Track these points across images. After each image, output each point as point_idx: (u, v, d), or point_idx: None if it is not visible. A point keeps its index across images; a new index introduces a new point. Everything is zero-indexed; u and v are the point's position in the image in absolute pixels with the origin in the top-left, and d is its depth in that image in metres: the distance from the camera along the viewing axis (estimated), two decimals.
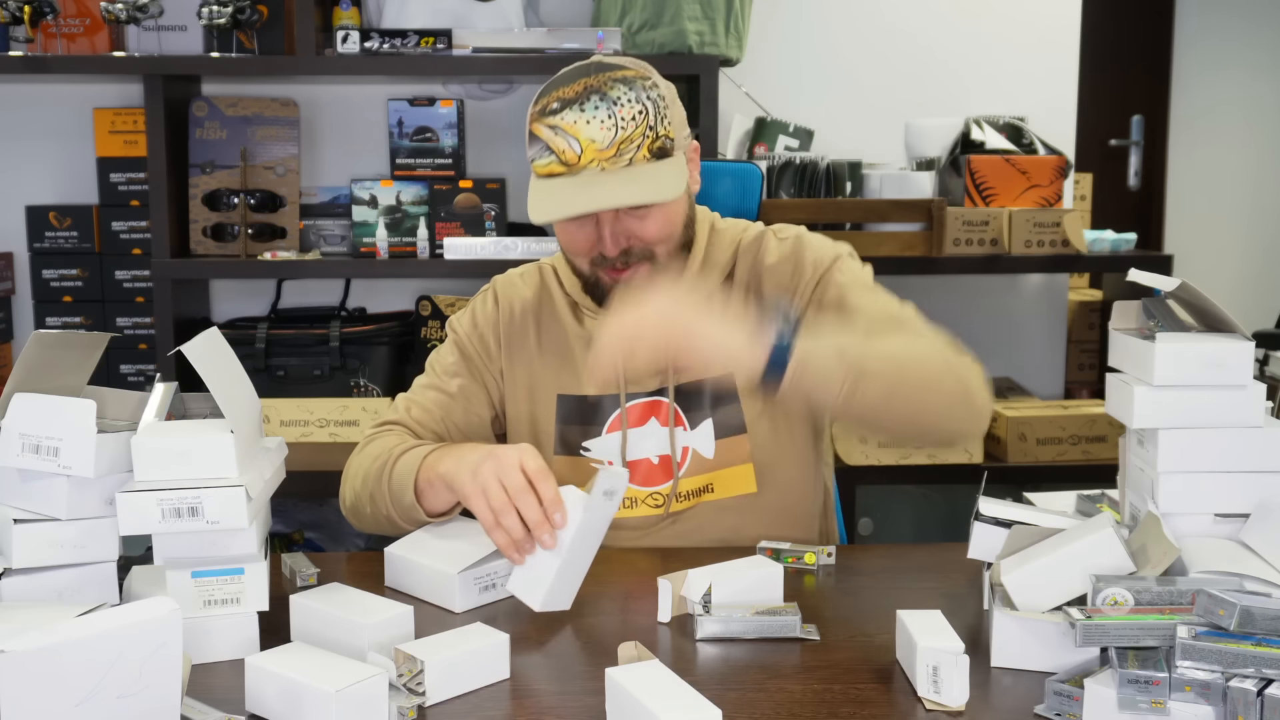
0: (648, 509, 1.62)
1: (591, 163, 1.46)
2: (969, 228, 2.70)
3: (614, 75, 1.49)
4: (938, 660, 1.09)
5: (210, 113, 2.77)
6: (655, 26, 2.65)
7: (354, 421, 2.60)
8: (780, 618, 1.27)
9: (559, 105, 1.48)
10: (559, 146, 1.47)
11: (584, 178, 1.47)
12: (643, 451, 1.62)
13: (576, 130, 1.46)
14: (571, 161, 1.47)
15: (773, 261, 1.62)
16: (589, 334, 1.62)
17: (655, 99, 1.49)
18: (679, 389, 1.61)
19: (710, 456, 1.61)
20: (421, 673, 1.12)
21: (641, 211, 1.51)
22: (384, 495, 1.51)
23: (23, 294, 2.91)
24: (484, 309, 1.70)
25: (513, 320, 1.68)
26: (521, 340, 1.67)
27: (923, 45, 3.01)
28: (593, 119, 1.46)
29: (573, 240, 1.55)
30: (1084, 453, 2.69)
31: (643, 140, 1.47)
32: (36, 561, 1.25)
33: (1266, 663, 1.00)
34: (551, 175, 1.48)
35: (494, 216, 2.74)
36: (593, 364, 1.37)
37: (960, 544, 1.37)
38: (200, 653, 1.22)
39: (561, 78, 1.51)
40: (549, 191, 1.48)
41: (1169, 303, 1.31)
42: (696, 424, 1.61)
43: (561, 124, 1.47)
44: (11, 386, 1.30)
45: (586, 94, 1.47)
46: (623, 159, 1.47)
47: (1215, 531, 1.23)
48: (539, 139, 1.49)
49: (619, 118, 1.46)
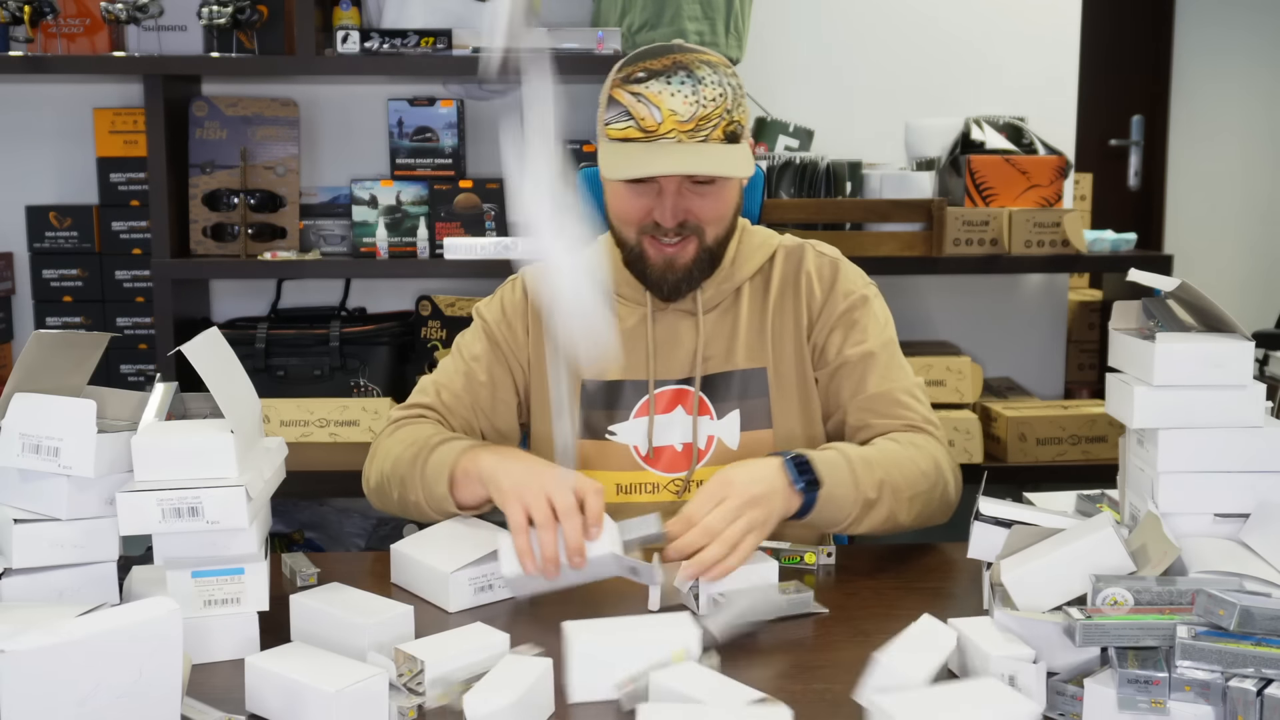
0: (668, 495, 1.64)
1: (670, 133, 1.50)
2: (969, 228, 2.70)
3: (700, 57, 1.54)
4: (1015, 669, 1.09)
5: (210, 113, 2.77)
6: (655, 26, 2.65)
7: (354, 421, 2.60)
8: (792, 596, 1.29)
9: (645, 75, 1.52)
10: (640, 113, 1.51)
11: (660, 145, 1.51)
12: (668, 438, 1.64)
13: (660, 100, 1.50)
14: (651, 129, 1.50)
15: (811, 269, 1.68)
16: (618, 318, 1.65)
17: (734, 86, 1.55)
18: (709, 378, 1.64)
19: (734, 448, 1.63)
20: (421, 673, 1.12)
21: (703, 189, 1.56)
22: (416, 481, 1.54)
23: (23, 294, 2.91)
24: (512, 297, 1.72)
25: (539, 308, 1.69)
26: (547, 327, 1.67)
27: (923, 45, 3.01)
28: (677, 92, 1.50)
29: (629, 206, 1.58)
30: (1084, 453, 2.69)
31: (719, 121, 1.52)
32: (37, 561, 1.25)
33: (1266, 662, 1.00)
34: (627, 139, 1.52)
35: (494, 216, 2.74)
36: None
37: (960, 544, 1.37)
38: (200, 653, 1.22)
39: (646, 52, 1.56)
40: (625, 153, 1.52)
41: (1169, 303, 1.31)
42: (724, 414, 1.64)
43: (646, 92, 1.51)
44: (11, 386, 1.30)
45: (675, 68, 1.52)
46: (699, 134, 1.51)
47: (1215, 531, 1.23)
48: (619, 103, 1.52)
49: (702, 96, 1.51)
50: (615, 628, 1.19)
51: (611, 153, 1.53)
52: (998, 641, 1.12)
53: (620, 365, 1.65)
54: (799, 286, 1.67)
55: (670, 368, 1.65)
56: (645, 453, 1.64)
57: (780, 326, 1.66)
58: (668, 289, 1.61)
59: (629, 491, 1.65)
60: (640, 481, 1.65)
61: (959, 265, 2.71)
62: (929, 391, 1.73)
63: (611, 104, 1.54)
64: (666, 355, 1.65)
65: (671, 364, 1.65)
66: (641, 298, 1.66)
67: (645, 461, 1.64)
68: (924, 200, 2.70)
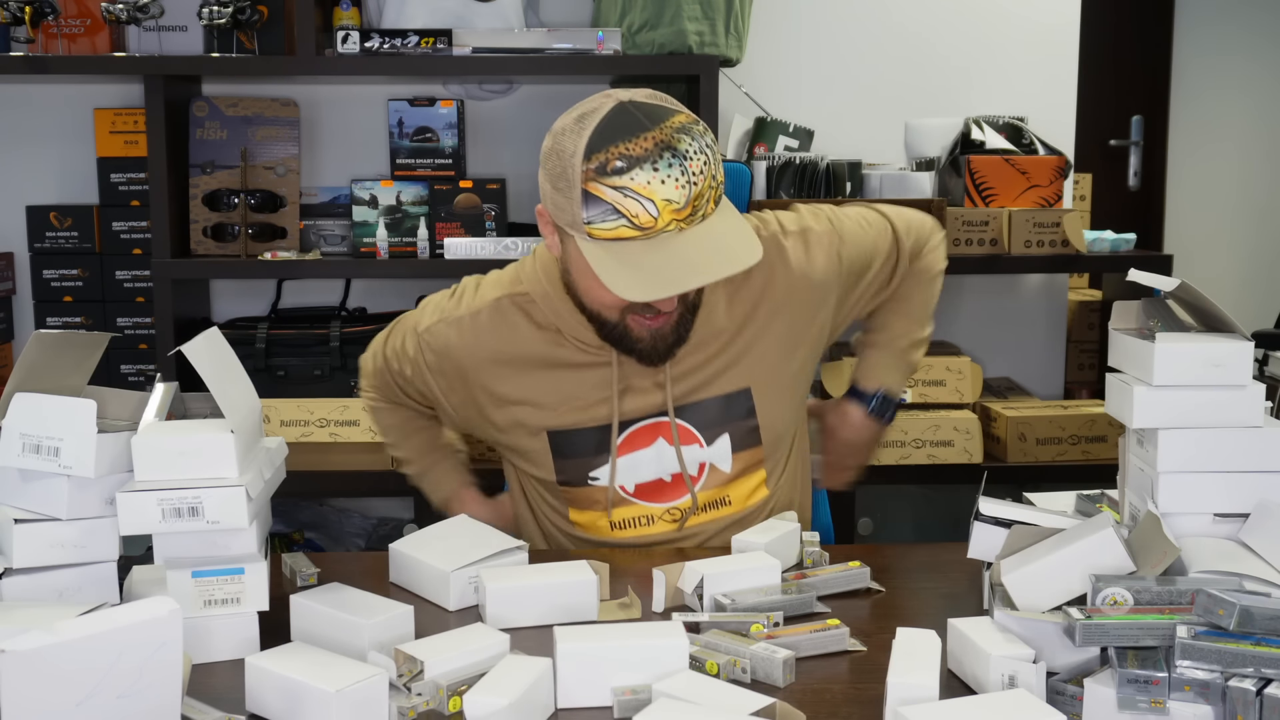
0: (664, 525, 1.62)
1: (668, 225, 1.36)
2: (969, 228, 2.70)
3: (673, 123, 1.38)
4: (1015, 669, 1.08)
5: (210, 113, 2.77)
6: (655, 27, 2.64)
7: (354, 421, 2.60)
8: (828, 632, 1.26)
9: (624, 164, 1.35)
10: (631, 210, 1.35)
11: (662, 242, 1.37)
12: (655, 472, 1.60)
13: (651, 192, 1.34)
14: (647, 225, 1.36)
15: (808, 266, 1.60)
16: (581, 360, 1.57)
17: (709, 143, 1.40)
18: (692, 407, 1.59)
19: (728, 470, 1.61)
20: (421, 673, 1.12)
21: None
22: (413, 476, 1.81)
23: (23, 294, 2.91)
24: (413, 368, 1.63)
25: (460, 376, 1.60)
26: (485, 389, 1.60)
27: (923, 45, 3.01)
28: (667, 178, 1.34)
29: (616, 298, 1.41)
30: (1084, 453, 2.69)
31: (710, 193, 1.39)
32: (37, 561, 1.25)
33: (1266, 662, 1.00)
34: (619, 239, 1.37)
35: (494, 216, 2.74)
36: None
37: (960, 544, 1.37)
38: (200, 653, 1.22)
39: (611, 129, 1.36)
40: (627, 259, 1.37)
41: (1169, 303, 1.31)
42: (713, 440, 1.60)
43: (632, 185, 1.34)
44: (12, 386, 1.30)
45: (658, 151, 1.35)
46: (696, 216, 1.38)
47: (1215, 531, 1.23)
48: (600, 200, 1.36)
49: (690, 173, 1.36)
50: (606, 634, 1.18)
51: (606, 258, 1.38)
52: (998, 641, 1.12)
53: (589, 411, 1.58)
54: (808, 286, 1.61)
55: (642, 404, 1.58)
56: (632, 490, 1.60)
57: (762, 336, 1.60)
58: (659, 357, 1.53)
59: (623, 527, 1.62)
60: (634, 516, 1.61)
61: (959, 265, 2.70)
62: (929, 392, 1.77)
63: (591, 200, 1.36)
64: (637, 391, 1.58)
65: (643, 400, 1.58)
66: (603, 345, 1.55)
67: (635, 496, 1.60)
68: (924, 200, 2.69)
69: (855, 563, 1.46)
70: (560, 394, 1.58)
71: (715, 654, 1.18)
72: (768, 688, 1.15)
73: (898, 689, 1.07)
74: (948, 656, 1.19)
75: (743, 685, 1.14)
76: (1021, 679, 1.08)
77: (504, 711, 1.04)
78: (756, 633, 1.24)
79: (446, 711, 1.09)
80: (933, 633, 1.16)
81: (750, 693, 1.09)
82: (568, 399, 1.58)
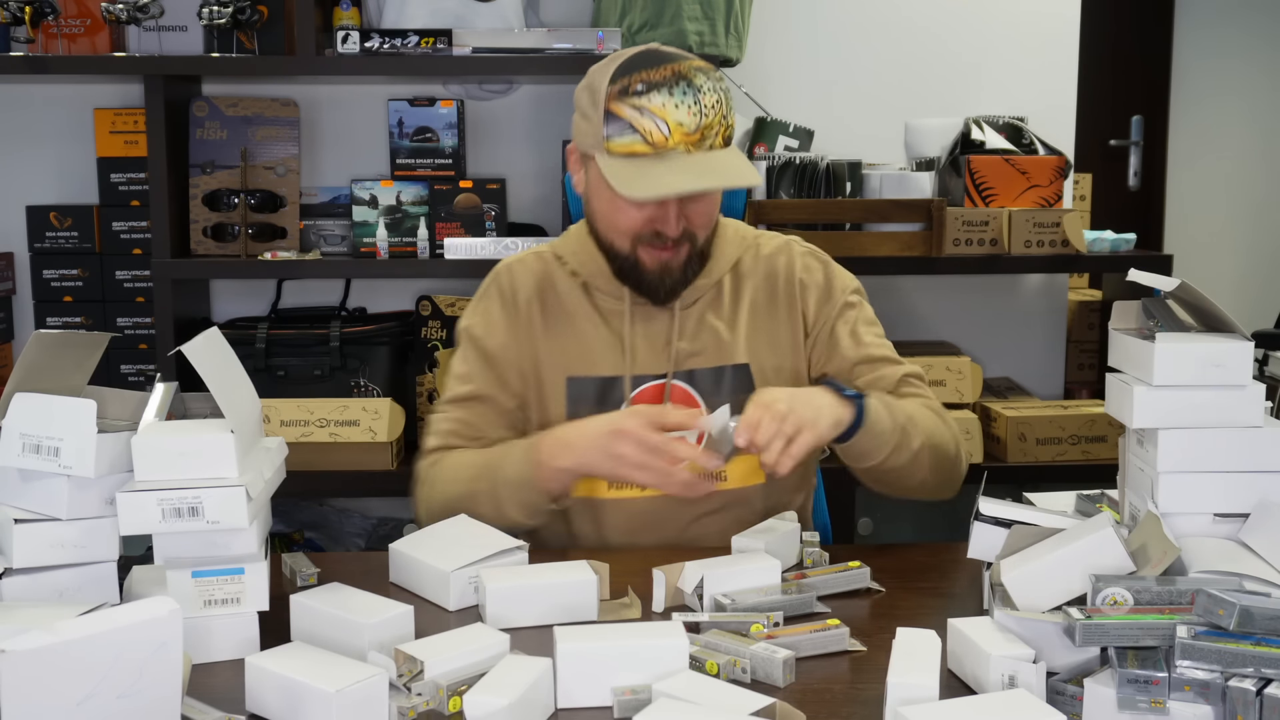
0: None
1: (677, 145, 1.51)
2: (969, 228, 2.70)
3: (691, 64, 1.54)
4: (1015, 669, 1.09)
5: (210, 113, 2.77)
6: (655, 26, 2.65)
7: (354, 421, 2.60)
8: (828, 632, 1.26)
9: (644, 87, 1.51)
10: (645, 127, 1.51)
11: (670, 159, 1.51)
12: None
13: (665, 113, 1.50)
14: (658, 143, 1.51)
15: (807, 278, 1.71)
16: (604, 313, 1.68)
17: (725, 90, 1.55)
18: (697, 373, 1.66)
19: None
20: (421, 673, 1.12)
21: (700, 195, 1.58)
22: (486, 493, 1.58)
23: (23, 294, 2.91)
24: (491, 305, 1.72)
25: (518, 309, 1.70)
26: (528, 326, 1.69)
27: (922, 45, 3.01)
28: (680, 104, 1.50)
29: (630, 217, 1.58)
30: (1084, 453, 2.69)
31: (719, 128, 1.54)
32: (37, 561, 1.25)
33: (1266, 662, 1.00)
34: (633, 155, 1.52)
35: (494, 216, 2.74)
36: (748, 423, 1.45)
37: (960, 544, 1.37)
38: (200, 653, 1.22)
39: (636, 60, 1.54)
40: (636, 170, 1.51)
41: (1169, 303, 1.31)
42: (714, 409, 1.62)
43: (649, 105, 1.50)
44: (12, 386, 1.30)
45: (675, 79, 1.51)
46: (704, 144, 1.52)
47: (1215, 531, 1.23)
48: (619, 118, 1.52)
49: (703, 105, 1.52)
50: (606, 634, 1.18)
51: (620, 169, 1.52)
52: (998, 641, 1.12)
53: (603, 363, 1.67)
54: (792, 288, 1.70)
55: (651, 363, 1.67)
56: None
57: (765, 326, 1.69)
58: (665, 293, 1.64)
59: (620, 485, 1.65)
60: None
61: (959, 265, 2.71)
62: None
63: (611, 118, 1.53)
64: (646, 350, 1.67)
65: (651, 359, 1.67)
66: (620, 293, 1.67)
67: None
68: (924, 200, 2.70)
69: (855, 563, 1.46)
70: (582, 343, 1.68)
71: (715, 654, 1.19)
72: (768, 688, 1.15)
73: (898, 689, 1.07)
74: (948, 656, 1.19)
75: (743, 685, 1.14)
76: (1021, 679, 1.08)
77: (504, 711, 1.04)
78: (756, 633, 1.24)
79: (446, 711, 1.09)
80: (933, 633, 1.16)
81: (750, 693, 1.09)
82: (588, 349, 1.67)
